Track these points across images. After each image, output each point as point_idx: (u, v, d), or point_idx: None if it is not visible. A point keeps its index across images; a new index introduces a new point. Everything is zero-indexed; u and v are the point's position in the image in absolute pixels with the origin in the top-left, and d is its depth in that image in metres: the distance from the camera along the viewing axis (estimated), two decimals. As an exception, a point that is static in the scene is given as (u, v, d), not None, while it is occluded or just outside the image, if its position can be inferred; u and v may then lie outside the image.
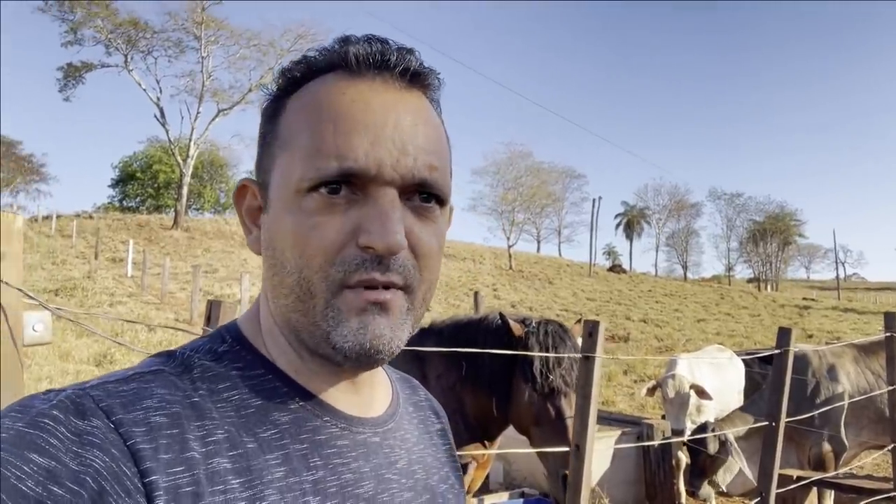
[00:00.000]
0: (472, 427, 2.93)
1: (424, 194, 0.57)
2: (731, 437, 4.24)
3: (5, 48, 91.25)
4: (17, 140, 44.75)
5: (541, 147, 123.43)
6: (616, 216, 73.02)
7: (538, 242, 59.08)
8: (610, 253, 77.36)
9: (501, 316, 2.92)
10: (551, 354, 2.76)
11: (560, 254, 60.84)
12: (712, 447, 4.27)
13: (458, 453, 2.64)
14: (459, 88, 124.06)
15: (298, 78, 0.59)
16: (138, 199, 46.97)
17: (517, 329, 2.83)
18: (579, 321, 2.91)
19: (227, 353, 0.58)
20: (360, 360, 0.55)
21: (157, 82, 35.03)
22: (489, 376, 2.84)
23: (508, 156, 44.49)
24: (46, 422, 0.45)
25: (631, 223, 71.59)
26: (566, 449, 2.56)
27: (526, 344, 2.80)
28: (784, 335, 3.18)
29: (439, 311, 18.76)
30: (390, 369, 0.75)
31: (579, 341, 2.74)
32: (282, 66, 0.61)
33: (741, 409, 4.91)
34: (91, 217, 33.46)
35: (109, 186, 48.91)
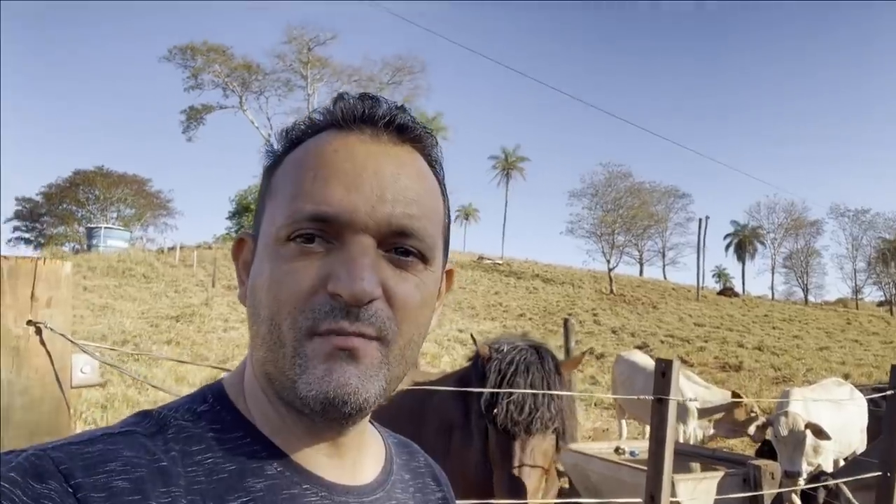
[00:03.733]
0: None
1: (402, 248, 0.55)
2: (844, 489, 3.80)
3: (137, 95, 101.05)
4: (147, 178, 49.09)
5: (641, 166, 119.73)
6: (725, 236, 69.09)
7: (641, 265, 57.00)
8: (720, 275, 73.01)
9: (472, 338, 2.62)
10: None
11: (665, 277, 58.31)
12: (821, 497, 3.85)
13: (495, 502, 2.27)
14: (552, 111, 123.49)
15: (300, 136, 0.60)
16: (252, 229, 50.04)
17: (483, 350, 2.44)
18: (585, 353, 2.56)
19: (206, 412, 0.57)
20: (327, 411, 0.52)
21: (269, 120, 37.66)
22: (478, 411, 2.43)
23: (607, 177, 43.48)
24: (2, 485, 0.44)
25: (742, 243, 67.41)
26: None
27: (485, 371, 2.35)
28: (900, 375, 2.80)
29: (537, 336, 18.34)
30: (388, 432, 0.72)
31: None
32: (284, 127, 0.62)
33: (863, 454, 4.41)
34: (210, 247, 35.93)
35: (227, 218, 52.64)
